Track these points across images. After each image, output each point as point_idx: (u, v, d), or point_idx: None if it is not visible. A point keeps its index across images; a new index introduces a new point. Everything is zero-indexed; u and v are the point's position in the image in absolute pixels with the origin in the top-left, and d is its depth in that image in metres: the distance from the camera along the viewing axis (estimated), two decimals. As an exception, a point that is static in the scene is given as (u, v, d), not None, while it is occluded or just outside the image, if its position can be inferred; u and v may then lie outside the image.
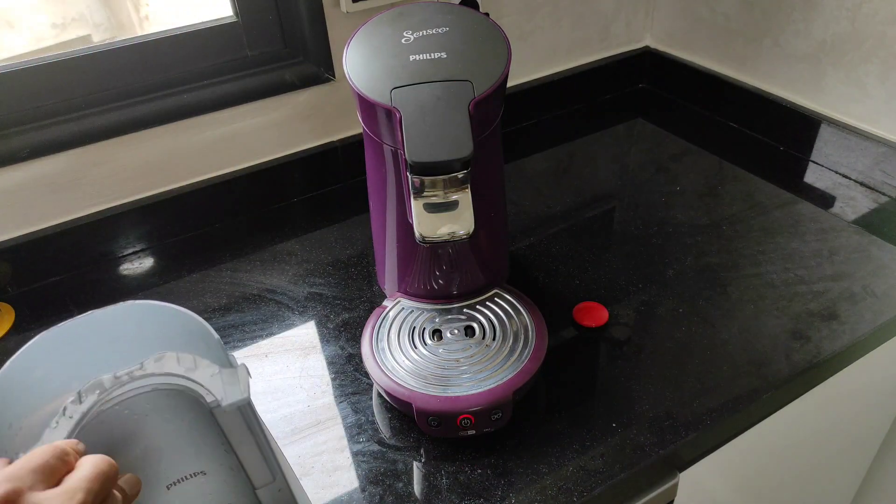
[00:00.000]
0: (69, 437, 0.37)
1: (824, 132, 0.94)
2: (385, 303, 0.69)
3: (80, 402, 0.38)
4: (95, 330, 0.42)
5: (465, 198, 0.52)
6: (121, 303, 0.42)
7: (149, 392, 0.41)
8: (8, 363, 0.39)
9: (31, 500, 0.32)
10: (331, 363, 0.70)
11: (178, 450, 0.42)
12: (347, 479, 0.58)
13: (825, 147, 0.94)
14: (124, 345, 0.41)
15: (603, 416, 0.62)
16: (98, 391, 0.38)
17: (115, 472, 0.36)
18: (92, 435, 0.39)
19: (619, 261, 0.80)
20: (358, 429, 0.62)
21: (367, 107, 0.54)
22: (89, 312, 0.41)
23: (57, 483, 0.34)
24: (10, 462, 0.35)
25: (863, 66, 0.88)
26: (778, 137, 1.01)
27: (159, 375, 0.39)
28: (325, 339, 0.72)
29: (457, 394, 0.58)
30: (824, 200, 0.88)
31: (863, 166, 0.90)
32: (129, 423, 0.41)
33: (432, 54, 0.54)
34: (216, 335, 0.41)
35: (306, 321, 0.75)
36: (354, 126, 0.97)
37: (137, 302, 0.42)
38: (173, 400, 0.42)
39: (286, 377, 0.68)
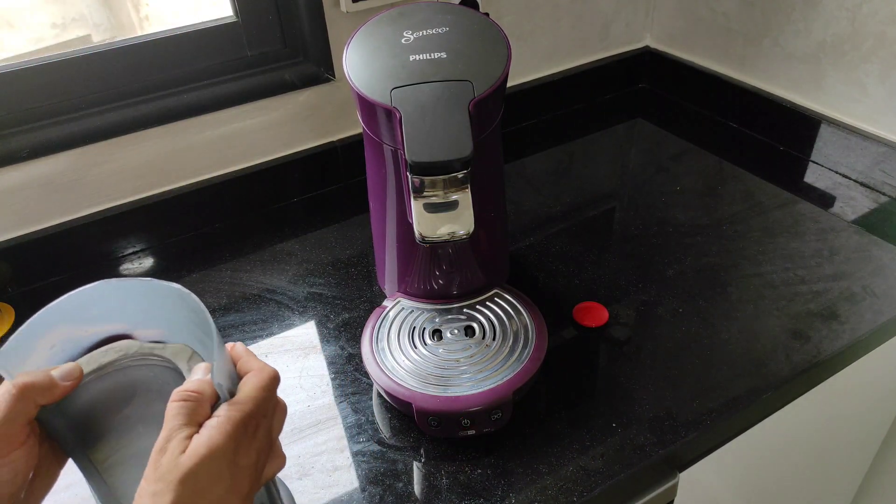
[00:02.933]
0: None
1: (824, 132, 0.94)
2: (385, 303, 0.69)
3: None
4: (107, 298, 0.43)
5: (465, 198, 0.52)
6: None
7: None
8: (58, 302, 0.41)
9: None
10: (331, 363, 0.70)
11: None
12: (347, 479, 0.58)
13: (825, 147, 0.94)
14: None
15: (603, 416, 0.62)
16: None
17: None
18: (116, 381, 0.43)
19: (619, 261, 0.80)
20: (358, 429, 0.62)
21: (367, 107, 0.54)
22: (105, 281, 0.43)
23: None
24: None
25: (863, 66, 0.88)
26: (778, 137, 1.01)
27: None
28: (325, 339, 0.72)
29: (457, 394, 0.58)
30: (824, 200, 0.88)
31: (863, 166, 0.90)
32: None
33: (432, 54, 0.54)
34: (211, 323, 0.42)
35: (306, 321, 0.75)
36: (354, 126, 0.97)
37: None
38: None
39: (286, 377, 0.68)
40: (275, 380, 0.42)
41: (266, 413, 0.41)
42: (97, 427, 0.42)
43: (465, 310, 0.67)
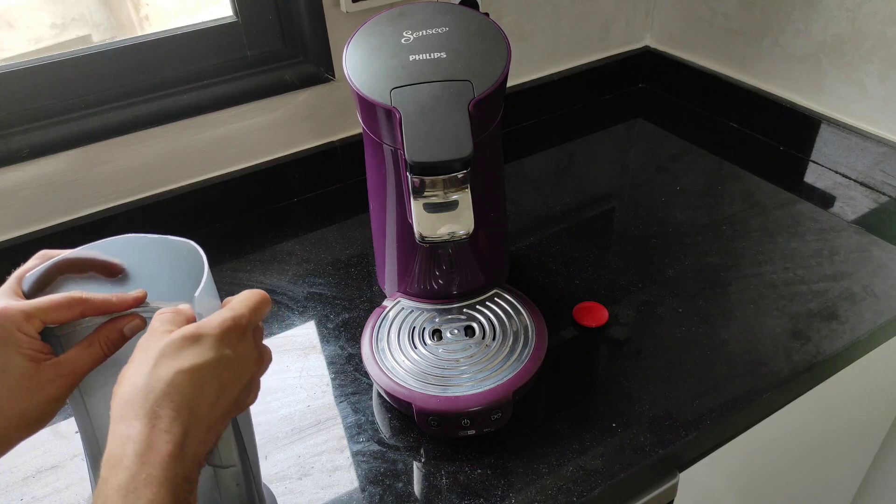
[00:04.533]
0: None
1: (824, 132, 0.94)
2: (385, 303, 0.69)
3: None
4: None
5: (464, 198, 0.52)
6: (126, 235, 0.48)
7: None
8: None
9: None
10: (331, 363, 0.70)
11: None
12: (347, 479, 0.58)
13: (825, 147, 0.94)
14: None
15: (603, 416, 0.62)
16: None
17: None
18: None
19: (619, 261, 0.80)
20: (358, 429, 0.62)
21: (367, 107, 0.54)
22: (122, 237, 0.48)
23: None
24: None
25: (863, 66, 0.88)
26: (778, 137, 1.01)
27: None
28: (325, 339, 0.72)
29: (457, 394, 0.58)
30: (824, 200, 0.88)
31: (863, 166, 0.90)
32: None
33: (432, 54, 0.54)
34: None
35: (306, 321, 0.75)
36: (354, 126, 0.97)
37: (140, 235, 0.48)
38: None
39: (286, 377, 0.68)
40: (258, 296, 0.43)
41: (249, 322, 0.42)
42: None
43: (465, 310, 0.67)
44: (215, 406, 0.38)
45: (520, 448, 0.59)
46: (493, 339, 0.64)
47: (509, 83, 0.78)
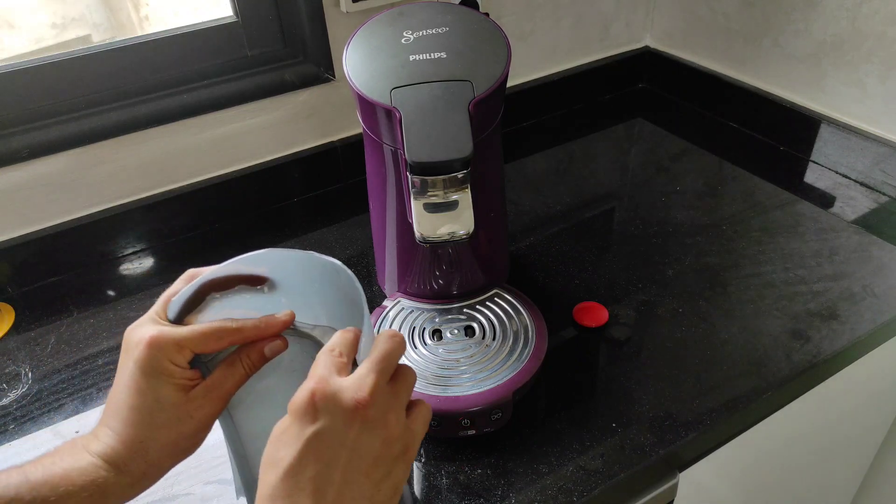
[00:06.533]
0: None
1: (824, 132, 0.94)
2: (385, 303, 0.69)
3: None
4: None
5: (465, 198, 0.52)
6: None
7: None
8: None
9: (332, 387, 0.37)
10: (331, 363, 0.69)
11: None
12: (347, 479, 0.58)
13: (825, 147, 0.94)
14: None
15: (603, 416, 0.62)
16: None
17: (400, 348, 0.40)
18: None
19: (619, 261, 0.80)
20: (358, 429, 0.62)
21: (367, 107, 0.54)
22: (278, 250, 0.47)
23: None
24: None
25: (863, 66, 0.88)
26: (778, 137, 1.01)
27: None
28: (325, 339, 0.72)
29: (457, 394, 0.58)
30: (824, 200, 0.88)
31: (863, 166, 0.90)
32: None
33: (432, 54, 0.54)
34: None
35: (306, 321, 0.75)
36: (354, 126, 0.97)
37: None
38: None
39: (286, 377, 0.68)
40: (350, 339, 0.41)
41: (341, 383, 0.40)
42: None
43: (465, 310, 0.67)
44: (346, 487, 0.36)
45: (520, 448, 0.59)
46: (493, 339, 0.64)
47: (509, 83, 0.78)
